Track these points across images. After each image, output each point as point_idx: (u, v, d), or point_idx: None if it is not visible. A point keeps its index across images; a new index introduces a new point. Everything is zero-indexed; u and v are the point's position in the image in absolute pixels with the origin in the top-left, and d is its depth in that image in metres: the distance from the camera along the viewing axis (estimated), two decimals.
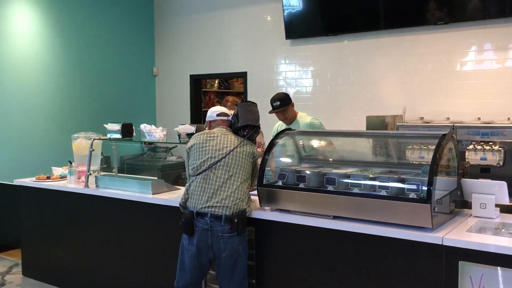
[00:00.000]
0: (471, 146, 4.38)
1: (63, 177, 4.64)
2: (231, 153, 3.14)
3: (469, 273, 2.50)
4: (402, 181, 2.88)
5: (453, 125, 4.57)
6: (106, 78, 7.19)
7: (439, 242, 2.57)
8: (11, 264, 5.18)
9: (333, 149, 3.81)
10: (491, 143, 4.32)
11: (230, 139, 3.21)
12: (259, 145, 4.37)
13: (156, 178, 4.52)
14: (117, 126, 4.26)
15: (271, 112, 4.20)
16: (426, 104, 5.41)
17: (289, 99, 4.19)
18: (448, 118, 4.94)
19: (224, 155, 3.13)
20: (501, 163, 4.25)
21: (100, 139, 4.38)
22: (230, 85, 8.83)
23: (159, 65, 7.88)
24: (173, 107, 7.73)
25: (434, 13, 5.26)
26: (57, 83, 6.58)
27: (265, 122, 4.27)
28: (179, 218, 3.16)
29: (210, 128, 3.37)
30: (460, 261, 2.52)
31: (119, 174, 4.81)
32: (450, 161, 3.05)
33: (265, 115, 4.06)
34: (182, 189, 3.50)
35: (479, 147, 4.33)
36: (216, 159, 3.12)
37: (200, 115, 7.57)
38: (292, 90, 6.37)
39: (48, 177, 4.66)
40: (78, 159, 4.51)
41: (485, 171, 4.30)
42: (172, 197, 3.72)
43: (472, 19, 5.08)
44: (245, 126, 3.23)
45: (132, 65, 7.57)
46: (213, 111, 3.40)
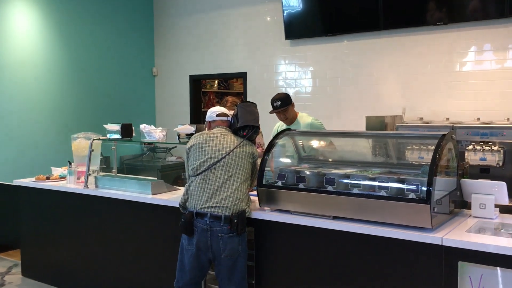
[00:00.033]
0: (471, 147, 4.38)
1: (63, 178, 4.64)
2: (231, 154, 3.14)
3: (469, 274, 2.50)
4: (402, 182, 2.88)
5: (453, 126, 4.57)
6: (106, 78, 7.19)
7: (439, 243, 2.57)
8: (11, 265, 5.18)
9: (333, 150, 3.81)
10: (491, 144, 4.32)
11: (230, 140, 3.21)
12: (259, 146, 4.37)
13: (156, 179, 4.53)
14: (117, 127, 4.26)
15: (272, 112, 4.20)
16: (426, 105, 5.42)
17: (290, 99, 4.19)
18: (448, 119, 4.95)
19: (224, 156, 3.13)
20: (501, 164, 4.25)
21: (100, 140, 4.38)
22: (230, 86, 8.82)
23: (159, 66, 7.88)
24: (173, 108, 7.73)
25: (434, 14, 5.26)
26: (57, 83, 6.58)
27: (265, 123, 4.27)
28: (179, 219, 3.16)
29: (210, 129, 3.37)
30: (460, 262, 2.52)
31: (119, 175, 4.81)
32: (450, 162, 3.05)
33: (265, 116, 4.05)
34: (182, 190, 3.50)
35: (479, 148, 4.33)
36: (216, 160, 3.12)
37: (200, 116, 7.57)
38: (292, 91, 6.37)
39: (48, 178, 4.66)
40: (78, 160, 4.51)
41: (485, 172, 4.31)
42: (172, 198, 3.72)
43: (472, 20, 5.08)
44: (245, 127, 3.23)
45: (132, 66, 7.57)
46: (213, 112, 3.40)
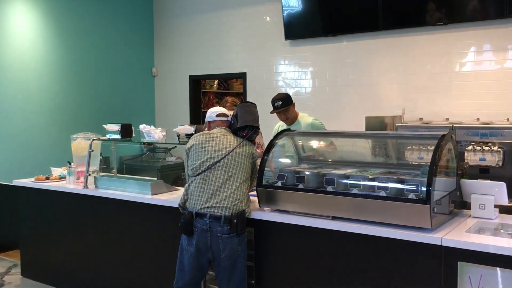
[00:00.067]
0: (470, 147, 4.38)
1: (62, 178, 4.64)
2: (230, 154, 3.14)
3: (468, 274, 2.50)
4: (401, 182, 2.88)
5: (452, 126, 4.57)
6: (105, 79, 7.19)
7: (438, 243, 2.57)
8: (10, 265, 5.17)
9: (333, 150, 3.81)
10: (490, 144, 4.32)
11: (230, 140, 3.21)
12: (258, 146, 4.37)
13: (155, 179, 4.53)
14: (116, 127, 4.26)
15: (273, 112, 4.19)
16: (425, 105, 5.42)
17: (291, 99, 4.19)
18: (447, 119, 4.95)
19: (224, 156, 3.12)
20: (500, 164, 4.25)
21: (99, 140, 4.38)
22: (230, 86, 8.82)
23: (158, 66, 7.88)
24: (172, 108, 7.73)
25: (433, 14, 5.26)
26: (56, 84, 6.58)
27: (265, 123, 4.26)
28: (178, 219, 3.16)
29: (209, 129, 3.37)
30: (459, 262, 2.52)
31: (118, 175, 4.80)
32: (449, 162, 3.05)
33: (265, 116, 4.05)
34: (181, 190, 3.50)
35: (478, 148, 4.33)
36: (216, 160, 3.12)
37: (200, 116, 7.56)
38: (292, 91, 6.37)
39: (47, 178, 4.65)
40: (77, 160, 4.51)
41: (484, 172, 4.31)
42: (171, 198, 3.71)
43: (471, 20, 5.09)
44: (245, 127, 3.23)
45: (131, 66, 7.57)
46: (212, 112, 3.40)
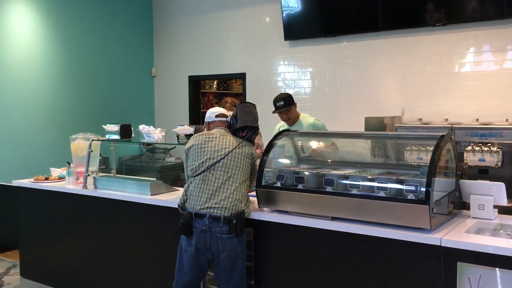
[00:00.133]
0: (470, 147, 4.38)
1: (62, 178, 4.64)
2: (230, 154, 3.14)
3: (468, 274, 2.50)
4: (401, 182, 2.87)
5: (452, 126, 4.58)
6: (105, 79, 7.18)
7: (438, 243, 2.57)
8: (9, 265, 5.17)
9: (334, 150, 3.81)
10: (490, 144, 4.33)
11: (229, 140, 3.21)
12: (258, 146, 4.37)
13: (155, 179, 4.53)
14: (116, 127, 4.26)
15: (275, 112, 4.20)
16: (425, 105, 5.42)
17: (292, 100, 4.19)
18: (447, 119, 4.95)
19: (223, 156, 3.12)
20: (499, 164, 4.25)
21: (99, 140, 4.38)
22: (229, 86, 8.82)
23: (158, 66, 7.88)
24: (172, 108, 7.72)
25: (433, 15, 5.27)
26: (56, 84, 6.58)
27: (264, 123, 4.26)
28: (178, 219, 3.16)
29: (209, 129, 3.37)
30: (459, 262, 2.52)
31: (118, 175, 4.80)
32: (449, 162, 3.05)
33: (264, 116, 4.05)
34: (181, 190, 3.50)
35: (478, 148, 4.34)
36: (215, 160, 3.12)
37: (199, 116, 7.56)
38: (291, 91, 6.35)
39: (46, 178, 4.65)
40: (77, 160, 4.50)
41: (484, 172, 4.31)
42: (171, 198, 3.71)
43: (471, 21, 5.09)
44: (244, 127, 3.23)
45: (131, 66, 7.57)
46: (212, 112, 3.40)
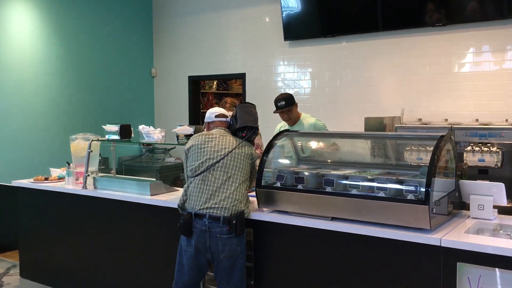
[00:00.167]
0: (469, 148, 4.38)
1: (61, 178, 4.63)
2: (230, 155, 3.14)
3: (467, 274, 2.50)
4: (400, 183, 2.87)
5: (451, 127, 4.58)
6: (105, 79, 7.18)
7: (437, 244, 2.58)
8: (9, 266, 5.17)
9: (334, 150, 3.80)
10: (489, 145, 4.33)
11: (229, 141, 3.21)
12: (257, 147, 4.36)
13: (154, 179, 4.53)
14: (116, 127, 4.26)
15: (276, 112, 4.19)
16: (424, 106, 5.42)
17: (294, 100, 4.19)
18: (446, 120, 4.95)
19: (223, 157, 3.12)
20: (499, 165, 4.26)
21: (98, 140, 4.38)
22: (229, 87, 8.82)
23: (158, 67, 7.88)
24: (172, 108, 7.72)
25: (432, 15, 5.27)
26: (55, 84, 6.57)
27: (264, 124, 4.27)
28: (177, 220, 3.16)
29: (209, 129, 3.37)
30: (458, 262, 2.52)
31: (117, 175, 4.80)
32: (448, 163, 3.05)
33: (264, 117, 4.05)
34: (181, 190, 3.50)
35: (477, 149, 4.34)
36: (215, 161, 3.12)
37: (199, 116, 7.56)
38: (291, 92, 6.34)
39: (46, 178, 4.65)
40: (76, 160, 4.50)
41: (483, 173, 4.31)
42: (171, 199, 3.71)
43: (470, 21, 5.09)
44: (244, 128, 3.23)
45: (131, 67, 7.57)
46: (212, 112, 3.40)
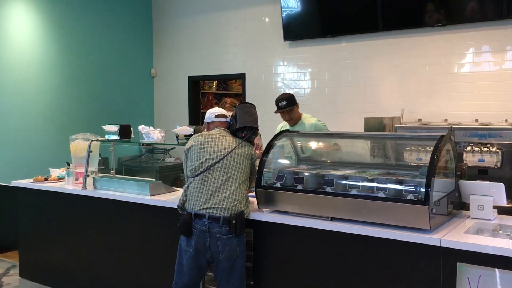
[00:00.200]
0: (469, 148, 4.38)
1: (61, 179, 4.63)
2: (229, 155, 3.14)
3: (467, 275, 2.50)
4: (400, 183, 2.87)
5: (451, 127, 4.58)
6: (105, 80, 7.18)
7: (437, 244, 2.58)
8: (9, 266, 5.17)
9: (334, 150, 3.80)
10: (489, 145, 4.33)
11: (228, 141, 3.21)
12: (257, 147, 4.36)
13: (154, 180, 4.52)
14: (115, 128, 4.26)
15: (277, 112, 4.19)
16: (424, 106, 5.42)
17: (295, 100, 4.19)
18: (446, 120, 4.95)
19: (222, 157, 3.12)
20: (499, 165, 4.26)
21: (98, 141, 4.38)
22: (228, 87, 8.82)
23: (157, 67, 7.88)
24: (171, 109, 7.72)
25: (432, 15, 5.27)
26: (55, 84, 6.57)
27: (264, 124, 4.26)
28: (177, 220, 3.16)
29: (208, 130, 3.37)
30: (458, 263, 2.52)
31: (117, 176, 4.80)
32: (448, 163, 3.05)
33: (264, 117, 4.05)
34: (180, 191, 3.50)
35: (477, 149, 4.34)
36: (214, 161, 3.12)
37: (198, 117, 7.56)
38: (291, 92, 6.34)
39: (46, 179, 4.64)
40: (76, 161, 4.50)
41: (483, 173, 4.31)
42: (170, 199, 3.71)
43: (470, 21, 5.09)
44: (243, 128, 3.23)
45: (131, 67, 7.57)
46: (211, 113, 3.40)
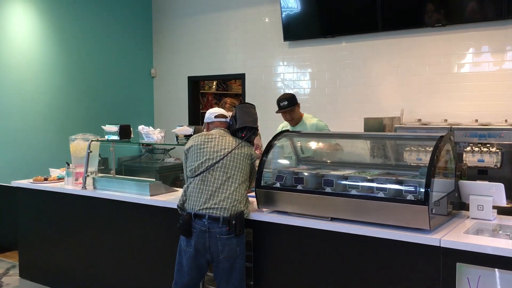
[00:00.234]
0: (469, 148, 4.39)
1: (61, 179, 4.63)
2: (229, 155, 3.14)
3: (467, 275, 2.51)
4: (400, 183, 2.87)
5: (451, 127, 4.58)
6: (104, 80, 7.18)
7: (437, 244, 2.58)
8: (8, 266, 5.17)
9: (335, 150, 3.80)
10: (489, 145, 4.33)
11: (228, 141, 3.21)
12: (257, 147, 4.36)
13: (154, 180, 4.52)
14: (115, 128, 4.26)
15: (278, 112, 4.19)
16: (424, 106, 5.42)
17: (296, 100, 4.19)
18: (446, 120, 4.95)
19: (222, 157, 3.12)
20: (499, 165, 4.26)
21: (98, 141, 4.37)
22: (228, 87, 8.82)
23: (157, 67, 7.88)
24: (171, 109, 7.72)
25: (432, 15, 5.27)
26: (55, 85, 6.57)
27: (264, 124, 4.26)
28: (177, 220, 3.16)
29: (208, 130, 3.37)
30: (458, 263, 2.52)
31: (117, 176, 4.79)
32: (448, 163, 3.05)
33: (264, 117, 4.05)
34: (180, 191, 3.50)
35: (477, 149, 4.34)
36: (214, 161, 3.12)
37: (198, 117, 7.56)
38: (290, 92, 6.36)
39: (46, 179, 4.64)
40: (76, 161, 4.50)
41: (483, 173, 4.31)
42: (170, 199, 3.71)
43: (470, 21, 5.09)
44: (243, 128, 3.23)
45: (130, 67, 7.57)
46: (211, 113, 3.40)
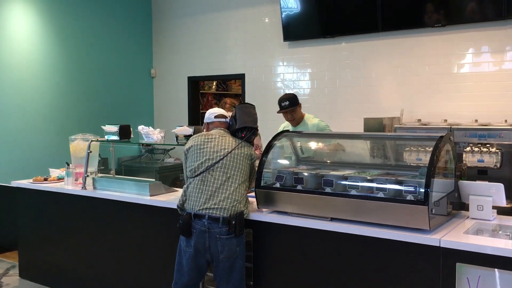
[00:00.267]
0: (469, 148, 4.39)
1: (61, 179, 4.63)
2: (229, 155, 3.14)
3: (467, 275, 2.51)
4: (400, 183, 2.88)
5: (451, 127, 4.58)
6: (104, 80, 7.18)
7: (437, 244, 2.58)
8: (8, 266, 5.17)
9: (337, 150, 3.80)
10: (488, 145, 4.33)
11: (228, 141, 3.21)
12: (257, 147, 4.36)
13: (154, 180, 4.52)
14: (115, 128, 4.26)
15: (279, 112, 4.19)
16: (424, 106, 5.42)
17: (297, 100, 4.19)
18: (446, 120, 4.95)
19: (222, 157, 3.12)
20: (498, 165, 4.26)
21: (98, 141, 4.38)
22: (228, 87, 8.83)
23: (157, 67, 7.88)
24: (171, 109, 7.73)
25: (432, 16, 5.27)
26: (55, 85, 6.57)
27: (264, 124, 4.26)
28: (177, 220, 3.16)
29: (208, 130, 3.37)
30: (458, 263, 2.52)
31: (117, 176, 4.79)
32: (448, 163, 3.05)
33: (264, 117, 4.05)
34: (180, 191, 3.50)
35: (476, 149, 4.34)
36: (214, 161, 3.12)
37: (198, 117, 7.56)
38: (290, 92, 6.36)
39: (45, 179, 4.64)
40: (76, 161, 4.50)
41: (482, 173, 4.32)
42: (170, 199, 3.71)
43: (470, 22, 5.10)
44: (243, 128, 3.23)
45: (130, 67, 7.57)
46: (211, 113, 3.40)
